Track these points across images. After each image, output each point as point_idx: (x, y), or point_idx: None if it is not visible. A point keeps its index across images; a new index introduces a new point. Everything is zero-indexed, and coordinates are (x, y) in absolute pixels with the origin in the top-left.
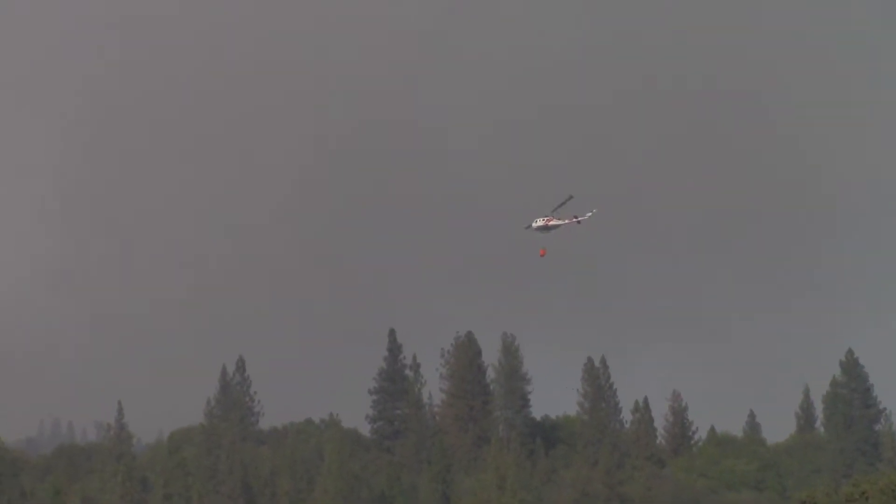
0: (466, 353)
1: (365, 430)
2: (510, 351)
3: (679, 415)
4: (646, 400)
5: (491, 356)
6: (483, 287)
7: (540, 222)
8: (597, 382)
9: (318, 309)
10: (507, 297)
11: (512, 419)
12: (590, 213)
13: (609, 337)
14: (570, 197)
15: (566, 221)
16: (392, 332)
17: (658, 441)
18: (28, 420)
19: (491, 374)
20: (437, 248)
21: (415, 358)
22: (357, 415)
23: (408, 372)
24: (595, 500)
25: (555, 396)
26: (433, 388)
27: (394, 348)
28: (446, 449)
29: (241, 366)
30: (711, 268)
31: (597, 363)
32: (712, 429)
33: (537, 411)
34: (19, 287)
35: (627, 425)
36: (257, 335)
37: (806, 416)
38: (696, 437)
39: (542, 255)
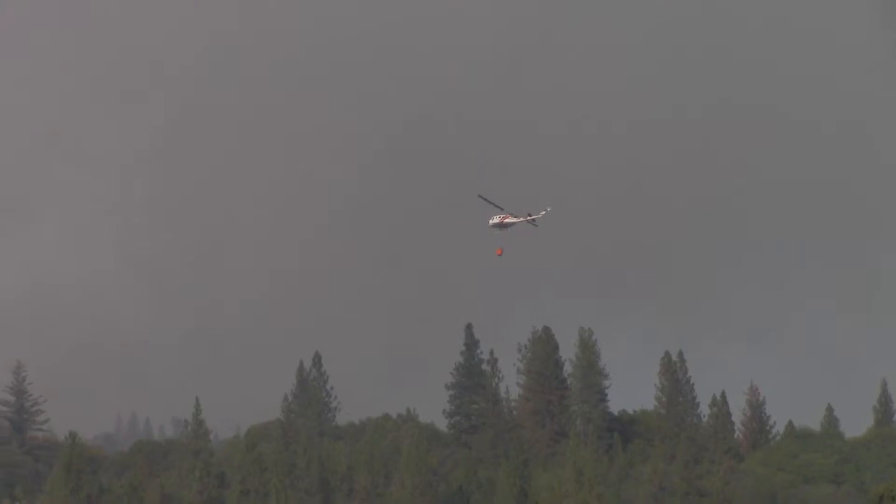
0: (544, 347)
1: (442, 424)
2: (587, 345)
3: (757, 409)
4: (723, 394)
5: (568, 351)
6: (561, 282)
7: (496, 220)
8: (674, 377)
9: (395, 304)
10: (584, 291)
11: (589, 414)
12: (543, 212)
13: (687, 331)
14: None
15: (521, 219)
16: (469, 327)
17: (735, 435)
18: (106, 416)
19: (568, 368)
20: (515, 242)
21: (492, 353)
22: (434, 410)
23: (485, 367)
24: (672, 495)
25: (632, 391)
26: (510, 382)
27: (471, 343)
28: (523, 444)
29: (317, 361)
30: (791, 263)
31: (674, 357)
32: (790, 423)
33: (615, 406)
34: (102, 282)
35: (705, 419)
36: (335, 331)
37: (884, 409)
38: (774, 431)
39: (498, 255)
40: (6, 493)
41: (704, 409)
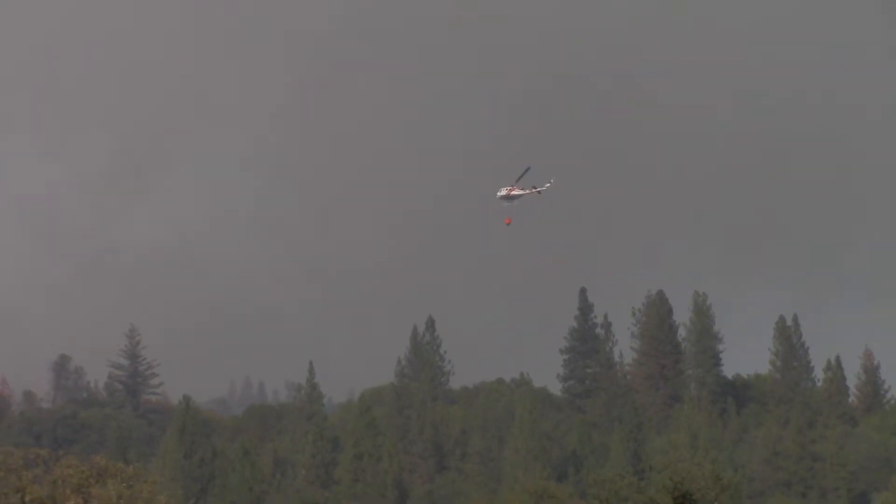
0: (658, 311)
1: (556, 389)
2: (702, 310)
3: (871, 373)
4: (838, 358)
5: (682, 315)
6: (674, 245)
7: (503, 192)
8: (789, 341)
9: (508, 268)
10: (698, 254)
11: (703, 378)
12: (547, 184)
13: (802, 295)
14: (528, 169)
15: (527, 192)
16: (583, 291)
17: (850, 400)
18: (219, 380)
19: (682, 332)
20: (629, 206)
21: (606, 317)
22: (548, 374)
23: (599, 331)
24: (786, 459)
25: (747, 355)
26: (624, 346)
27: (585, 307)
28: (637, 408)
29: (431, 326)
30: None
31: (789, 322)
32: None
33: (729, 370)
34: (217, 241)
35: (819, 384)
36: (448, 296)
37: None
38: (889, 395)
39: (507, 224)
40: (119, 457)
41: (819, 374)
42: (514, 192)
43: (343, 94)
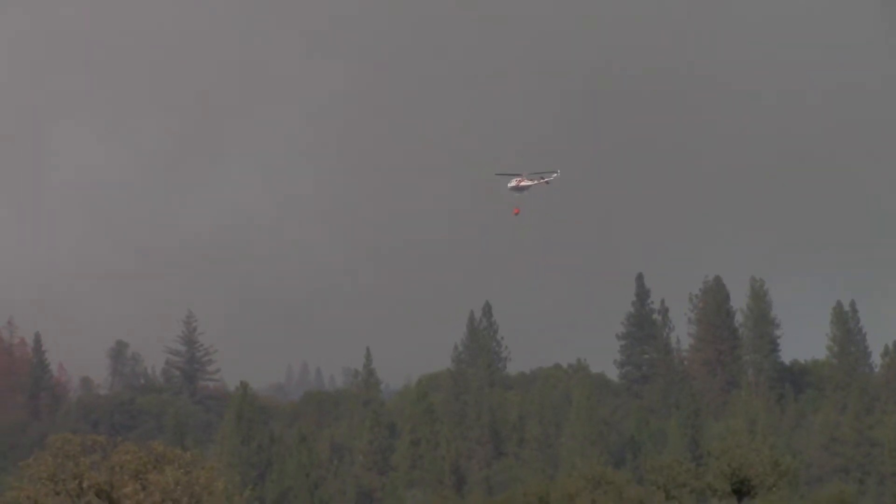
0: (715, 297)
1: (613, 374)
2: (759, 295)
3: None
4: (895, 343)
5: (739, 300)
6: (732, 230)
7: (513, 183)
8: (846, 326)
9: (564, 253)
10: (755, 239)
11: (760, 363)
12: (554, 174)
13: (859, 280)
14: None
15: (535, 182)
16: (640, 277)
17: None
18: (276, 366)
19: (739, 318)
20: (686, 191)
21: (663, 302)
22: (605, 359)
23: (656, 316)
24: (844, 445)
25: (804, 341)
26: (681, 332)
27: (642, 293)
28: (695, 394)
29: (488, 311)
30: None
31: (846, 307)
32: None
33: (786, 356)
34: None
35: (877, 370)
36: (505, 281)
37: None
38: None
39: (515, 213)
40: (177, 443)
41: (876, 360)
42: (523, 184)
43: (400, 78)
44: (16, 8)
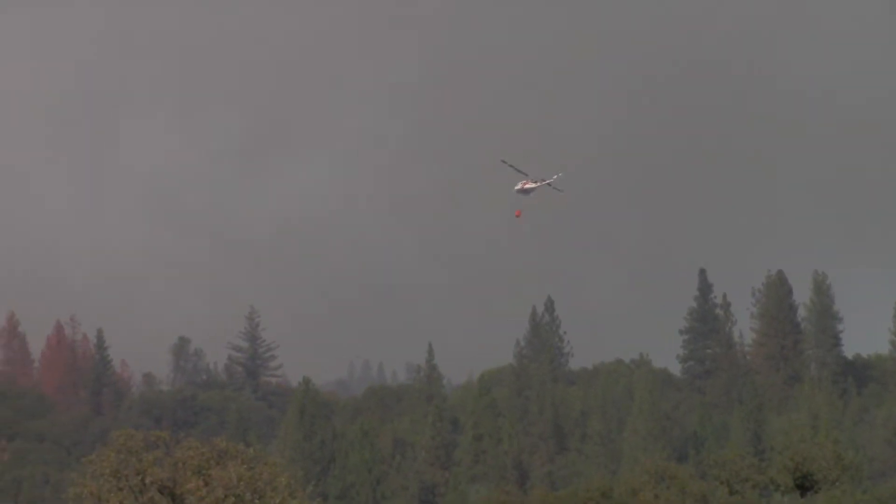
0: (777, 291)
1: (675, 369)
2: (822, 289)
3: None
4: None
5: (802, 295)
6: (795, 224)
7: (519, 186)
8: None
9: (628, 250)
10: (818, 234)
11: (823, 358)
12: (556, 176)
13: None
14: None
15: (538, 184)
16: (703, 272)
17: None
18: (338, 362)
19: (802, 312)
20: (749, 187)
21: (725, 297)
22: (667, 354)
23: (718, 311)
24: None
25: (867, 335)
26: (744, 327)
27: (704, 288)
28: (757, 388)
29: (550, 307)
30: None
31: None
32: None
33: (849, 350)
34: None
35: None
36: (568, 276)
37: None
38: None
39: (517, 216)
40: (240, 439)
41: None
42: (527, 186)
43: (469, 76)
44: (91, 2)
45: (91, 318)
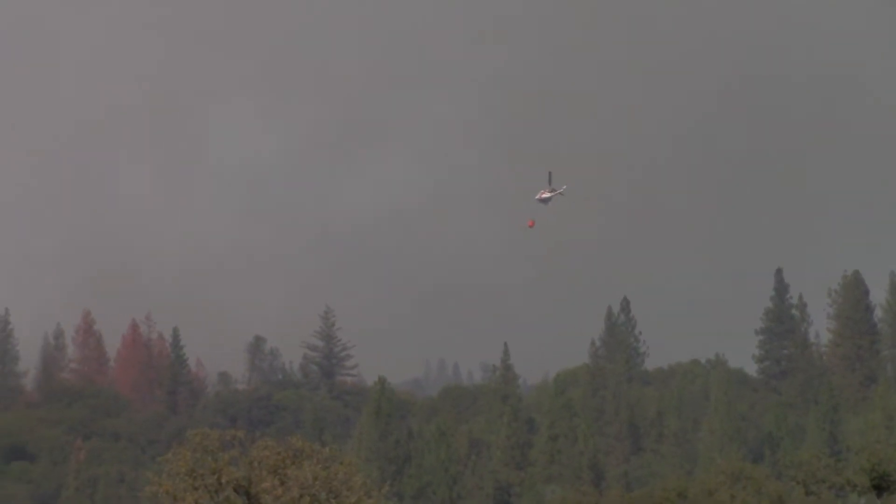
0: (853, 292)
1: (751, 369)
2: None
3: None
4: None
5: (879, 295)
6: (871, 224)
7: (539, 195)
8: None
9: (704, 249)
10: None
11: None
12: (564, 187)
13: None
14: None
15: (553, 193)
16: (779, 272)
17: None
18: (414, 361)
19: (878, 313)
20: (824, 187)
21: (801, 297)
22: (743, 355)
23: (795, 311)
24: None
25: None
26: (820, 327)
27: (780, 288)
28: (833, 389)
29: (625, 306)
30: None
31: None
32: None
33: None
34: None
35: None
36: (643, 276)
37: None
38: None
39: (530, 226)
40: (315, 438)
41: None
42: (545, 195)
43: (559, 70)
44: None
45: (167, 316)
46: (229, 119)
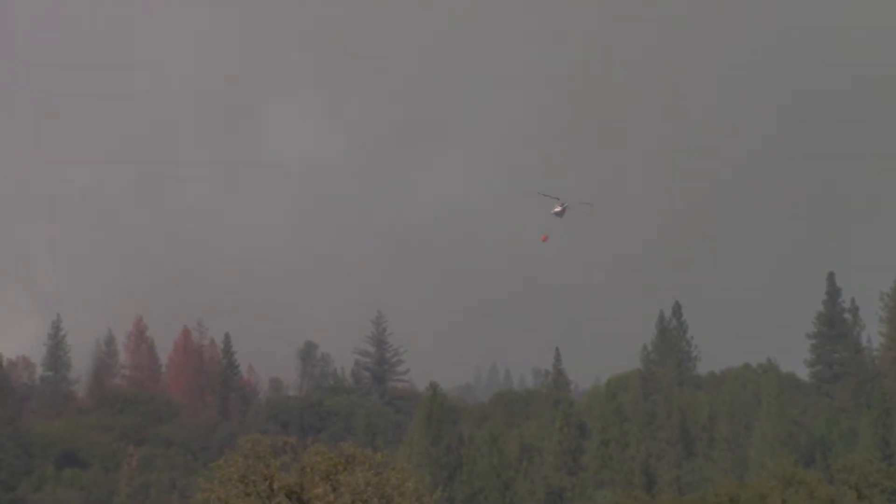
0: None
1: (803, 374)
2: None
3: None
4: None
5: None
6: None
7: (553, 210)
8: None
9: (756, 253)
10: None
11: None
12: (566, 204)
13: None
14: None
15: (562, 208)
16: (831, 276)
17: None
18: (465, 367)
19: None
20: (878, 190)
21: (853, 301)
22: (795, 359)
23: (847, 315)
24: None
25: None
26: (872, 331)
27: (833, 292)
28: (886, 393)
29: (677, 311)
30: None
31: None
32: None
33: None
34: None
35: None
36: (695, 280)
37: None
38: None
39: (543, 240)
40: (367, 444)
41: None
42: (558, 210)
43: (623, 74)
44: None
45: (221, 321)
46: (292, 118)
